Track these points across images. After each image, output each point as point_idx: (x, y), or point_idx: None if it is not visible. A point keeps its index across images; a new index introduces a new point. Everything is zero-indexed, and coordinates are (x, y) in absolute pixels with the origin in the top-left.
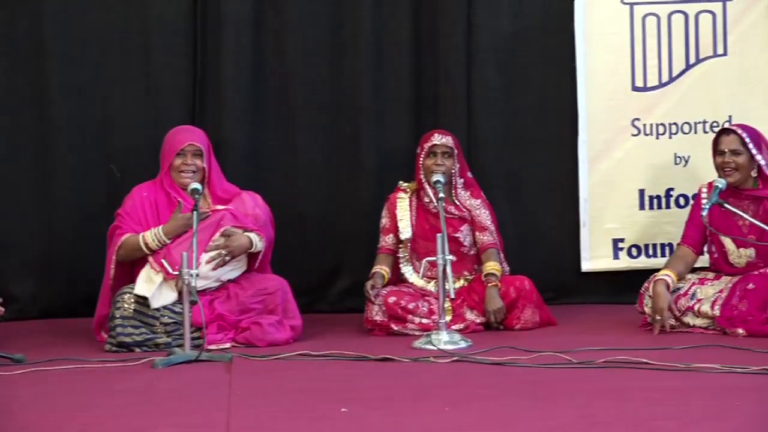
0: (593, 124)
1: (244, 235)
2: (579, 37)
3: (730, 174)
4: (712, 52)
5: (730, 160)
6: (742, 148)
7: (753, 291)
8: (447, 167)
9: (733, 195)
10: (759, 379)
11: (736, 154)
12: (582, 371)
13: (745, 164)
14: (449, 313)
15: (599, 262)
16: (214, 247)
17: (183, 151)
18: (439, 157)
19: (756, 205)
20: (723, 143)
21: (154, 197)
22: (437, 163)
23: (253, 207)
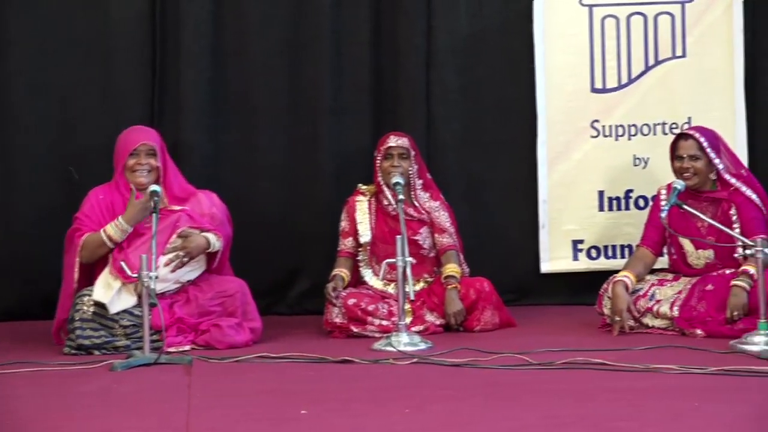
0: (552, 125)
1: (201, 236)
2: (538, 39)
3: (689, 179)
4: (671, 54)
5: (688, 165)
6: (701, 152)
7: (712, 292)
8: (404, 169)
9: (692, 197)
10: (717, 379)
11: (695, 159)
12: (542, 372)
13: (703, 168)
14: (409, 315)
15: (558, 264)
16: (171, 249)
17: (136, 151)
18: (395, 159)
19: (714, 207)
20: (681, 148)
21: (111, 199)
22: (394, 165)
23: (209, 206)
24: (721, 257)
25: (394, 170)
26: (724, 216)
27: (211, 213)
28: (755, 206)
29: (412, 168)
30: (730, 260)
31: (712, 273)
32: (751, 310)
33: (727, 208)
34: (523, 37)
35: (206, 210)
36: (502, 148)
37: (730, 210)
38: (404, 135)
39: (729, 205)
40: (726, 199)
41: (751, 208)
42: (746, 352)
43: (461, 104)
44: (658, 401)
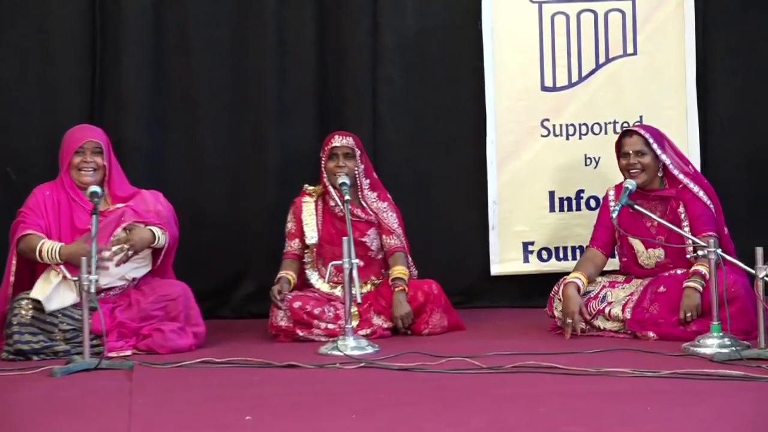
0: (502, 124)
1: (146, 229)
2: (487, 36)
3: (637, 175)
4: (622, 52)
5: (635, 161)
6: (646, 148)
7: (664, 294)
8: (349, 169)
9: (641, 196)
10: (670, 383)
11: (641, 155)
12: (491, 376)
13: (650, 164)
14: (356, 319)
15: (509, 266)
16: (116, 242)
17: (82, 149)
18: (340, 158)
19: (663, 206)
20: (626, 145)
21: (57, 197)
22: (339, 165)
23: (154, 203)
24: (672, 256)
25: (339, 170)
26: (673, 214)
27: (156, 210)
28: (703, 203)
29: (358, 168)
30: (681, 259)
31: (664, 273)
32: (704, 312)
33: (675, 206)
34: (472, 34)
35: (151, 206)
36: (450, 147)
37: (678, 208)
38: (349, 134)
39: (678, 202)
40: (674, 197)
41: (699, 205)
42: (699, 355)
43: (408, 103)
44: (610, 405)
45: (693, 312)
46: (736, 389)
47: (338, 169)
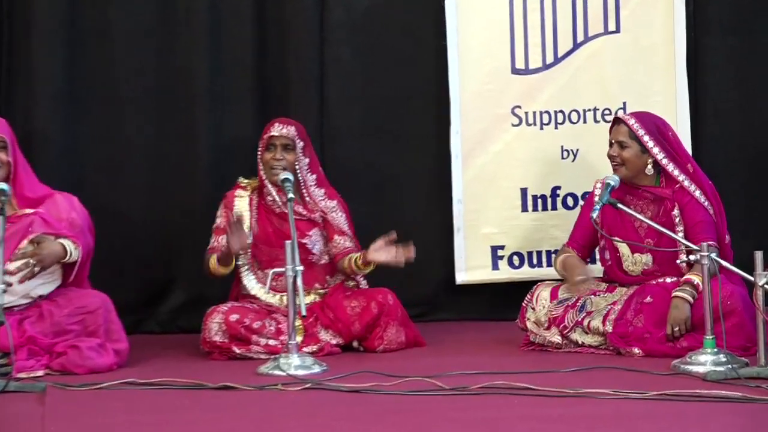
0: (467, 112)
1: (56, 243)
2: (450, 12)
3: (617, 169)
4: (603, 29)
5: (615, 153)
6: (630, 140)
7: (650, 305)
8: (288, 162)
9: (631, 192)
10: (658, 405)
11: (622, 147)
12: (455, 399)
13: (632, 158)
14: (300, 333)
15: (475, 273)
16: (21, 256)
17: None
18: (278, 150)
19: (656, 206)
20: (612, 133)
21: None
22: (276, 157)
23: (68, 210)
24: (661, 263)
25: (277, 164)
26: (667, 216)
27: (70, 218)
28: (702, 208)
29: (299, 161)
30: (670, 267)
31: (650, 282)
32: (695, 326)
33: (670, 208)
34: (433, 9)
35: (64, 214)
36: (408, 138)
37: (673, 210)
38: (291, 123)
39: (673, 204)
40: (669, 197)
41: (698, 210)
42: (691, 374)
43: (361, 87)
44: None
45: (681, 326)
46: (733, 412)
47: (275, 161)
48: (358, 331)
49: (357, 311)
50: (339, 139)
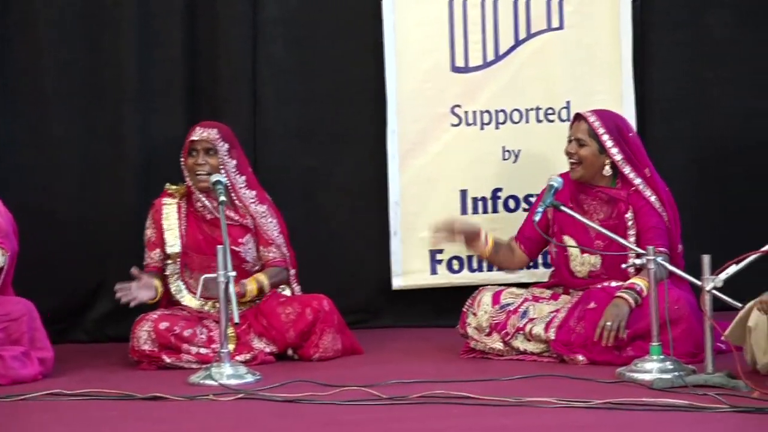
0: (405, 112)
1: None
2: (387, 7)
3: (573, 168)
4: (546, 26)
5: (573, 150)
6: (589, 138)
7: (594, 311)
8: (212, 166)
9: (585, 191)
10: (602, 414)
11: (581, 145)
12: (393, 409)
13: (589, 157)
14: (233, 342)
15: (413, 278)
16: None
17: None
18: (200, 155)
19: (610, 207)
20: (571, 130)
21: None
22: (198, 162)
23: None
24: (608, 266)
25: (200, 169)
26: (620, 219)
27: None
28: (657, 214)
29: (225, 164)
30: (618, 270)
31: (595, 286)
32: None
33: (624, 210)
34: (370, 4)
35: None
36: (344, 138)
37: (627, 213)
38: (213, 125)
39: (627, 206)
40: (624, 200)
41: (651, 216)
42: (636, 382)
43: (295, 86)
44: None
45: (615, 322)
46: (680, 421)
47: (198, 167)
48: (292, 339)
49: (291, 318)
50: (272, 139)
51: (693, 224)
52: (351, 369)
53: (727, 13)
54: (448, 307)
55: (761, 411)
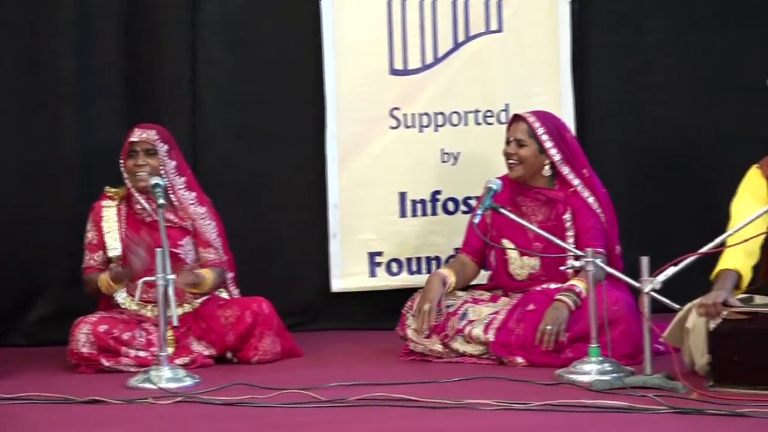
0: (344, 114)
1: None
2: (326, 9)
3: (513, 167)
4: (485, 28)
5: (513, 151)
6: (529, 138)
7: (533, 312)
8: (152, 167)
9: (523, 192)
10: (541, 416)
11: (521, 145)
12: (332, 411)
13: (530, 157)
14: (172, 345)
15: (353, 280)
16: None
17: None
18: (140, 156)
19: (548, 208)
20: (510, 131)
21: None
22: (138, 163)
23: None
24: (547, 268)
25: (140, 170)
26: (558, 220)
27: None
28: (594, 215)
29: (165, 165)
30: (557, 272)
31: (535, 288)
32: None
33: (562, 211)
34: (309, 7)
35: None
36: (283, 141)
37: (565, 213)
38: (153, 126)
39: (565, 207)
40: (562, 201)
41: (589, 217)
42: (575, 383)
43: (234, 88)
44: None
45: (555, 326)
46: (618, 422)
47: (138, 168)
48: (231, 342)
49: (231, 321)
50: (212, 141)
51: (631, 226)
52: (290, 372)
53: (665, 17)
54: (387, 310)
55: (699, 412)
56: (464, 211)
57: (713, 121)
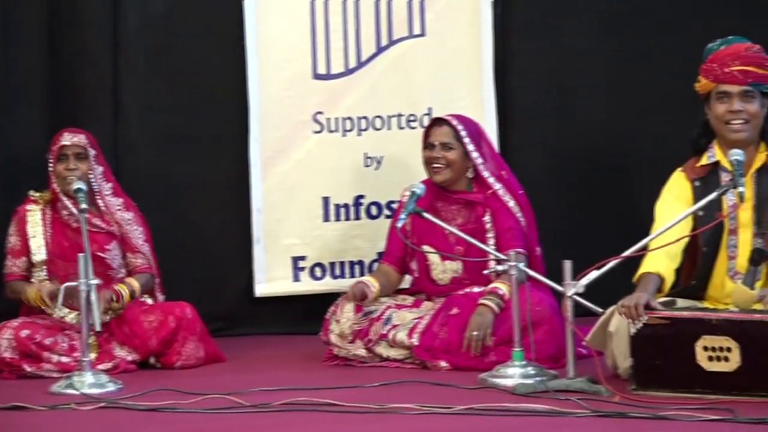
0: (267, 118)
1: None
2: (249, 13)
3: (439, 171)
4: (408, 33)
5: (439, 155)
6: (455, 141)
7: (456, 316)
8: (82, 171)
9: (442, 198)
10: (465, 420)
11: (447, 149)
12: (256, 416)
13: (456, 160)
14: (95, 350)
15: (276, 285)
16: None
17: None
18: (71, 160)
19: (468, 211)
20: (433, 135)
21: None
22: (69, 167)
23: None
24: (470, 271)
25: (71, 174)
26: (478, 222)
27: None
28: (512, 215)
29: (94, 170)
30: (480, 275)
31: (458, 292)
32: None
33: (481, 213)
34: (232, 12)
35: None
36: (207, 145)
37: (485, 216)
38: (82, 131)
39: (484, 210)
40: (482, 203)
41: (507, 218)
42: (499, 387)
43: (157, 93)
44: None
45: (481, 331)
46: (542, 426)
47: (69, 172)
48: (154, 347)
49: (154, 326)
50: (135, 147)
51: (554, 230)
52: (214, 377)
53: (587, 21)
54: (311, 315)
55: (622, 415)
56: (387, 215)
57: (635, 124)
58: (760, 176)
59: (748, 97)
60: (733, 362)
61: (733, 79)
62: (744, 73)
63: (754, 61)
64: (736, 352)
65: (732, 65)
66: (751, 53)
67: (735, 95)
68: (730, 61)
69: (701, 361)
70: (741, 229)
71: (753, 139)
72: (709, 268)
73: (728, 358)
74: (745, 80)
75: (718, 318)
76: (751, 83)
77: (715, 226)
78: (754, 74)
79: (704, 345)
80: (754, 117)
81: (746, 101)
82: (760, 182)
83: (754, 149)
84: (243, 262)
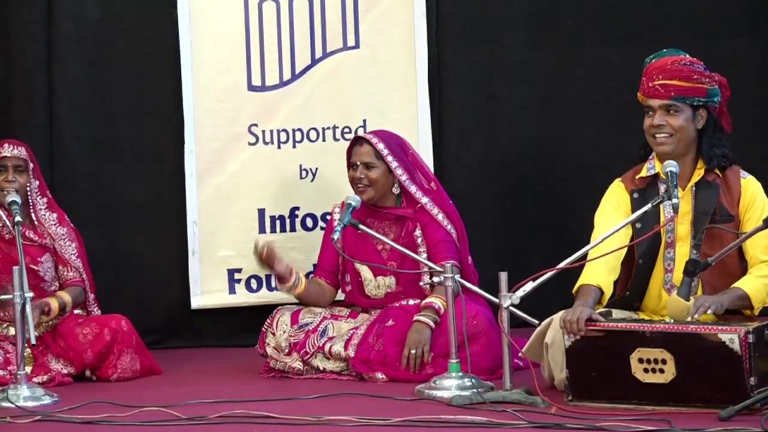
0: (202, 130)
1: None
2: (183, 26)
3: (363, 191)
4: (342, 45)
5: (362, 174)
6: (377, 160)
7: (392, 328)
8: (21, 184)
9: (372, 214)
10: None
11: (369, 168)
12: (193, 429)
13: (379, 179)
14: (30, 363)
15: (212, 297)
16: None
17: None
18: (10, 172)
19: (398, 227)
20: (355, 155)
21: None
22: (8, 180)
23: None
24: (405, 285)
25: (9, 186)
26: (409, 237)
27: None
28: (442, 228)
29: (30, 183)
30: (414, 288)
31: (393, 305)
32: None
33: (412, 228)
34: (166, 23)
35: None
36: (142, 158)
37: (415, 230)
38: (21, 143)
39: (414, 224)
40: (411, 217)
41: (437, 231)
42: (436, 399)
43: (91, 105)
44: None
45: (419, 348)
46: None
47: (8, 184)
48: (90, 360)
49: (89, 339)
50: (69, 160)
51: (490, 242)
52: (150, 389)
53: (522, 34)
54: (247, 327)
55: (559, 426)
56: (322, 227)
57: (571, 136)
58: (698, 190)
59: (672, 111)
60: (669, 374)
61: (655, 93)
62: (665, 87)
63: (679, 74)
64: (671, 364)
65: (656, 79)
66: (678, 66)
67: (657, 109)
68: (654, 75)
69: (636, 373)
70: (679, 242)
71: (682, 152)
72: (644, 280)
73: (663, 370)
74: (667, 94)
75: (653, 330)
76: (674, 97)
77: (653, 239)
78: (678, 87)
79: (639, 357)
80: (678, 130)
81: (669, 115)
82: (698, 197)
83: (692, 163)
84: (179, 274)
